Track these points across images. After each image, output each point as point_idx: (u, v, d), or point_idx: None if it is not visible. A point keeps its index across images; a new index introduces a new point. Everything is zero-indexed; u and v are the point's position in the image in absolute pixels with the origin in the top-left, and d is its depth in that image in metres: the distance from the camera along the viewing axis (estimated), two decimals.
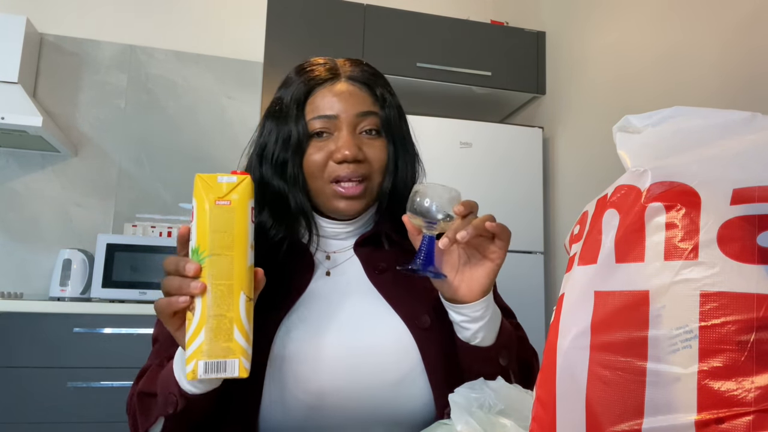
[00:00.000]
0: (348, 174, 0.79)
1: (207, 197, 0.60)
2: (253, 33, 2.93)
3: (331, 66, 0.84)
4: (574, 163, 2.53)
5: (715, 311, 0.38)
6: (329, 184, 0.81)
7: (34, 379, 2.10)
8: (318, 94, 0.82)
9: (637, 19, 2.16)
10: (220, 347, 0.58)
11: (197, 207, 0.60)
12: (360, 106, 0.81)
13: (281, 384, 0.73)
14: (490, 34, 2.75)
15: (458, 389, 0.63)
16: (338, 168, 0.79)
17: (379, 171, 0.83)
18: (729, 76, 1.71)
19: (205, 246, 0.59)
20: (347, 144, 0.79)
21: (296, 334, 0.76)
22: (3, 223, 2.67)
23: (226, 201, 0.60)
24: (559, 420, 0.45)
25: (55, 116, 2.75)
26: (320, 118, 0.80)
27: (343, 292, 0.82)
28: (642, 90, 2.10)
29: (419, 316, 0.80)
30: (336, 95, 0.81)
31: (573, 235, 0.54)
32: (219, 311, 0.58)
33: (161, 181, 2.86)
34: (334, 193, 0.81)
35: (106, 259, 2.41)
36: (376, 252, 0.86)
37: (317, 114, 0.80)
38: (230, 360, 0.58)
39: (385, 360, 0.76)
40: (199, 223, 0.60)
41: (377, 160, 0.82)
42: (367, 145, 0.82)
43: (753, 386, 0.36)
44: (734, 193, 0.41)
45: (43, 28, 2.80)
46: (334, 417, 0.74)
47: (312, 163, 0.80)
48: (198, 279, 0.58)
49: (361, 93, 0.83)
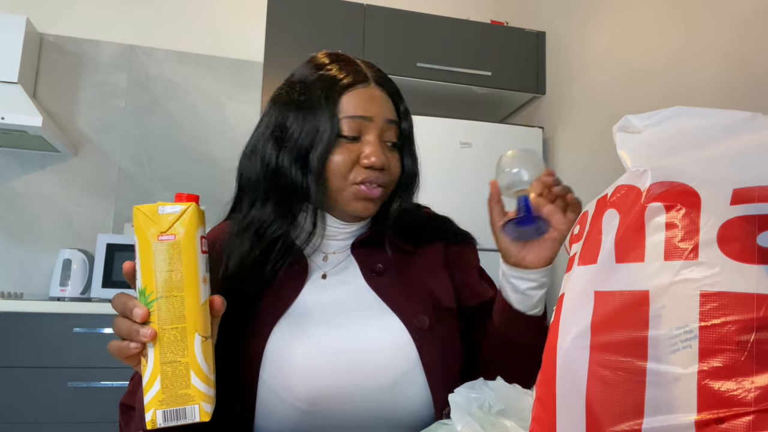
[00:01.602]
0: (373, 179, 0.80)
1: (148, 233, 0.55)
2: (253, 33, 2.93)
3: (361, 68, 0.84)
4: (574, 163, 2.53)
5: (715, 311, 0.38)
6: (351, 185, 0.80)
7: (34, 379, 2.10)
8: (352, 93, 0.80)
9: (637, 19, 2.16)
10: (178, 395, 0.55)
11: (139, 244, 0.56)
12: (388, 113, 0.83)
13: (276, 389, 0.73)
14: (490, 34, 2.75)
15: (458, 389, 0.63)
16: (364, 172, 0.79)
17: (393, 182, 0.84)
18: (729, 76, 1.71)
19: (151, 288, 0.55)
20: (377, 152, 0.79)
21: (291, 338, 0.75)
22: (3, 223, 2.67)
23: (170, 236, 0.56)
24: (559, 420, 0.45)
25: (55, 116, 2.75)
26: (354, 119, 0.79)
27: (339, 294, 0.81)
28: (642, 90, 2.10)
29: (418, 316, 0.79)
30: (371, 98, 0.81)
31: (573, 235, 0.54)
32: (173, 357, 0.55)
33: (161, 181, 2.86)
34: (356, 194, 0.80)
35: (106, 259, 2.41)
36: (373, 253, 0.85)
37: (351, 113, 0.79)
38: (189, 407, 0.56)
39: (383, 361, 0.75)
40: (143, 262, 0.55)
41: (395, 171, 0.84)
42: (389, 154, 0.83)
43: (753, 386, 0.36)
44: (734, 193, 0.41)
45: (43, 28, 2.80)
46: (331, 420, 0.73)
47: (338, 163, 0.79)
48: (147, 324, 0.55)
49: (388, 100, 0.84)
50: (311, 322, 0.77)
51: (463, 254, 0.92)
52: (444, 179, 2.44)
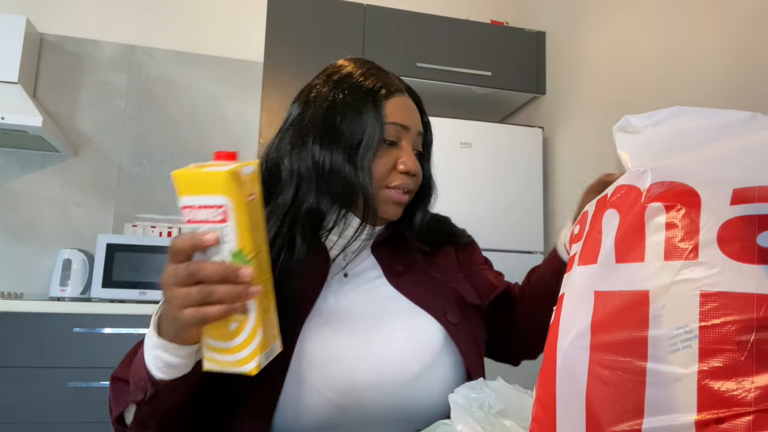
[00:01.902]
0: (406, 186, 0.84)
1: (241, 194, 0.56)
2: (253, 33, 2.93)
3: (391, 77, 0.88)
4: (574, 163, 2.53)
5: (715, 311, 0.38)
6: (385, 189, 0.83)
7: (34, 379, 2.10)
8: (394, 100, 0.84)
9: (637, 19, 2.16)
10: (271, 335, 0.60)
11: (235, 207, 0.56)
12: (419, 125, 0.87)
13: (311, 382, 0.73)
14: (490, 34, 2.75)
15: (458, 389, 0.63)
16: (399, 177, 0.83)
17: (417, 189, 0.88)
18: (729, 76, 1.71)
19: (249, 247, 0.57)
20: (413, 159, 0.83)
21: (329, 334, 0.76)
22: (3, 223, 2.67)
23: (252, 195, 0.58)
24: (559, 420, 0.45)
25: (55, 116, 2.75)
26: (396, 125, 0.82)
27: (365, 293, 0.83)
28: (642, 90, 2.10)
29: (450, 311, 0.83)
30: (408, 107, 0.86)
31: (573, 235, 0.54)
32: (267, 305, 0.60)
33: (161, 181, 2.86)
34: (389, 197, 0.83)
35: (106, 259, 2.41)
36: (393, 254, 0.87)
37: (394, 120, 0.82)
38: (275, 344, 0.61)
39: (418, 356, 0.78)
40: (239, 223, 0.56)
41: (420, 179, 0.87)
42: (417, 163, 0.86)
43: (753, 386, 0.36)
44: (734, 193, 0.41)
45: (43, 28, 2.79)
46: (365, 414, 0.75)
47: (380, 166, 0.82)
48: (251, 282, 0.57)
49: (417, 112, 0.88)
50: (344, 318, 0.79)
51: (468, 256, 0.96)
52: (444, 179, 2.43)
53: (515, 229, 2.51)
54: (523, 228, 2.52)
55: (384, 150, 0.82)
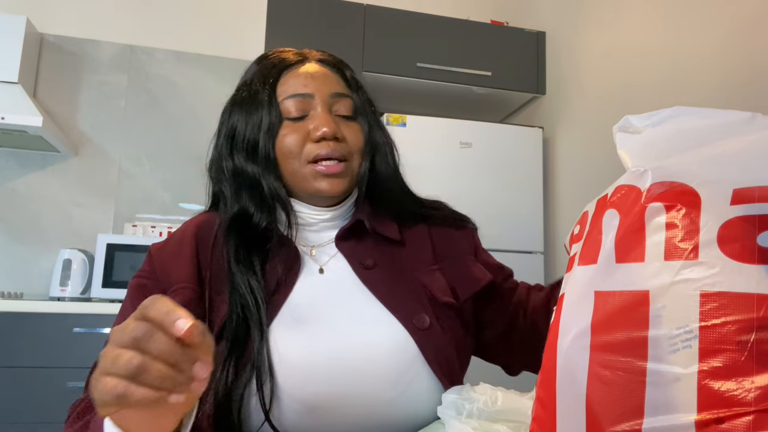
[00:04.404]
0: (328, 152, 0.76)
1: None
2: (253, 33, 2.92)
3: (297, 51, 0.83)
4: (574, 163, 2.53)
5: (715, 311, 0.38)
6: (307, 164, 0.77)
7: (34, 379, 2.10)
8: (290, 75, 0.80)
9: (637, 19, 2.16)
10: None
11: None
12: (334, 87, 0.80)
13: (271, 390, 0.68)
14: (490, 34, 2.75)
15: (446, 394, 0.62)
16: (317, 147, 0.76)
17: (358, 153, 0.80)
18: (729, 76, 1.71)
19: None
20: (326, 121, 0.76)
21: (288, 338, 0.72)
22: (3, 223, 2.67)
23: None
24: (559, 420, 0.45)
25: (55, 116, 2.75)
26: (294, 98, 0.77)
27: (332, 291, 0.77)
28: (642, 90, 2.10)
29: (417, 315, 0.76)
30: (309, 74, 0.79)
31: (573, 235, 0.54)
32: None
33: (161, 181, 2.86)
34: (314, 173, 0.77)
35: (106, 259, 2.41)
36: (359, 246, 0.81)
37: (290, 93, 0.78)
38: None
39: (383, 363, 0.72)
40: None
41: (355, 141, 0.80)
42: (344, 126, 0.79)
43: (753, 386, 0.36)
44: (734, 193, 0.41)
45: (43, 28, 2.80)
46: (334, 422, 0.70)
47: (287, 144, 0.77)
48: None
49: (332, 74, 0.81)
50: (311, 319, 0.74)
51: (451, 241, 0.87)
52: (444, 179, 2.44)
53: (515, 229, 2.51)
54: (523, 228, 2.52)
55: (290, 127, 0.78)
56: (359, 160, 0.81)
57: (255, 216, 0.78)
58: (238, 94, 0.84)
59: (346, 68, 0.84)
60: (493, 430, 0.56)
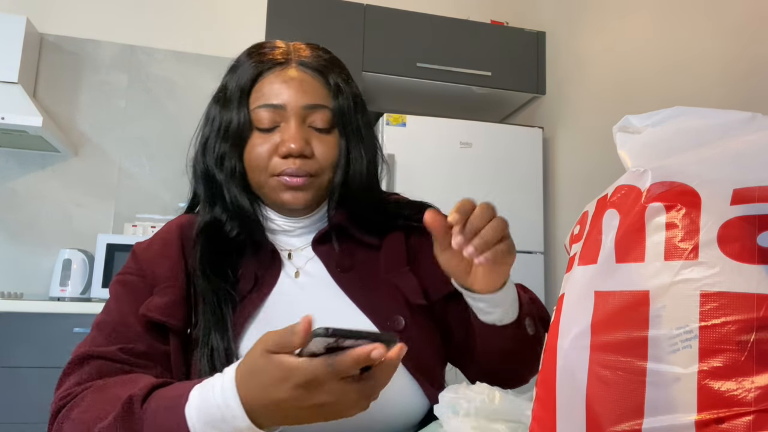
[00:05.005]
0: (293, 170, 0.75)
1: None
2: (253, 33, 2.92)
3: (284, 50, 0.79)
4: (574, 163, 2.53)
5: (715, 311, 0.38)
6: (272, 177, 0.76)
7: (34, 379, 2.10)
8: (266, 80, 0.77)
9: (637, 19, 2.16)
10: None
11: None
12: (309, 98, 0.76)
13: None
14: (490, 34, 2.75)
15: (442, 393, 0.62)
16: (282, 163, 0.75)
17: (329, 168, 0.78)
18: (729, 76, 1.71)
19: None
20: (293, 137, 0.74)
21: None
22: (3, 223, 2.67)
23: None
24: (559, 420, 0.45)
25: (55, 116, 2.75)
26: (266, 107, 0.75)
27: (308, 295, 0.77)
28: (642, 90, 2.10)
29: (392, 317, 0.75)
30: (285, 82, 0.76)
31: (573, 235, 0.54)
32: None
33: (161, 181, 2.86)
34: (278, 185, 0.76)
35: (106, 259, 2.41)
36: (336, 250, 0.80)
37: (263, 102, 0.76)
38: None
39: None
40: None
41: (326, 157, 0.77)
42: (317, 139, 0.77)
43: (753, 386, 0.36)
44: (734, 193, 0.41)
45: (43, 28, 2.79)
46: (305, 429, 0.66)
47: (255, 155, 0.76)
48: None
49: (313, 81, 0.77)
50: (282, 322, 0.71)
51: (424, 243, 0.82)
52: (444, 179, 2.44)
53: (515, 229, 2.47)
54: (523, 228, 2.52)
55: (260, 138, 0.76)
56: (329, 175, 0.79)
57: (227, 225, 0.78)
58: (218, 92, 0.82)
59: (331, 71, 0.79)
60: (492, 429, 0.56)
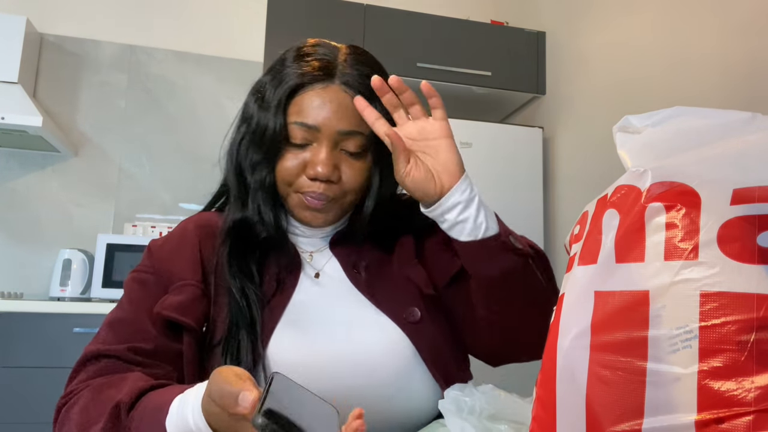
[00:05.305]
0: (316, 194, 0.76)
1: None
2: (253, 33, 2.93)
3: (329, 61, 0.77)
4: (574, 163, 2.53)
5: (715, 311, 0.38)
6: (295, 193, 0.78)
7: (34, 379, 2.10)
8: (306, 95, 0.75)
9: (637, 19, 2.16)
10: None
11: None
12: (345, 124, 0.75)
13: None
14: (490, 34, 2.74)
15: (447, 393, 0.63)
16: (308, 184, 0.76)
17: (353, 191, 0.79)
18: (729, 76, 1.71)
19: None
20: (323, 162, 0.74)
21: (290, 342, 0.74)
22: (3, 223, 2.67)
23: None
24: (559, 420, 0.45)
25: (55, 116, 2.75)
26: (301, 126, 0.74)
27: (328, 295, 0.80)
28: (642, 90, 2.10)
29: (407, 310, 0.78)
30: (324, 103, 0.74)
31: (573, 235, 0.54)
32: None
33: (161, 181, 2.86)
34: (300, 202, 0.78)
35: (106, 259, 2.41)
36: (353, 250, 0.83)
37: (300, 120, 0.75)
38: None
39: (379, 360, 0.74)
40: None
41: (352, 182, 0.78)
42: (346, 164, 0.77)
43: (753, 386, 0.36)
44: (734, 193, 0.41)
45: (43, 28, 2.79)
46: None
47: (284, 170, 0.76)
48: None
49: (351, 105, 0.75)
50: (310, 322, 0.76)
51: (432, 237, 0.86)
52: None
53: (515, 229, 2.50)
54: (523, 228, 2.49)
55: (292, 152, 0.76)
56: (353, 198, 0.80)
57: (257, 226, 0.79)
58: (257, 90, 0.80)
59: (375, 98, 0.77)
60: (495, 429, 0.56)
